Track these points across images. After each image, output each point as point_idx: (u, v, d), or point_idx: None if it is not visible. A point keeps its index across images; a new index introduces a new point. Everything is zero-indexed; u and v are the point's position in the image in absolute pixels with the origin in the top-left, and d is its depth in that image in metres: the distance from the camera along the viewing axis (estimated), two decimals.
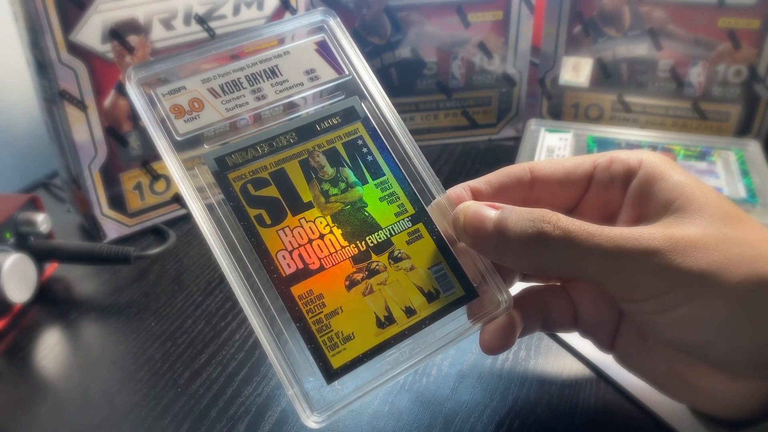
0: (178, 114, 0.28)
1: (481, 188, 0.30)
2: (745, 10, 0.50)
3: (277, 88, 0.30)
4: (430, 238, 0.29)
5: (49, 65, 0.41)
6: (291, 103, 0.30)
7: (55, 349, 0.38)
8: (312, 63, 0.30)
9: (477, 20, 0.55)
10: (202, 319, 0.40)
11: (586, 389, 0.34)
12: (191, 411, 0.33)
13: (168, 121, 0.28)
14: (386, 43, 0.55)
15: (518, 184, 0.30)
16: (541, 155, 0.50)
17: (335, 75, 0.31)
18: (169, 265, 0.45)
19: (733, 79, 0.53)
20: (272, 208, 0.28)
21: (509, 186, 0.30)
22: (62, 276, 0.44)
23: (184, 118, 0.28)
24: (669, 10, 0.52)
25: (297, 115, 0.30)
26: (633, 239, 0.25)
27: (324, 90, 0.31)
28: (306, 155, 0.29)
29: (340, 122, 0.30)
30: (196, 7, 0.45)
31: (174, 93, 0.28)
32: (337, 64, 0.31)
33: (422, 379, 0.34)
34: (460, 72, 0.57)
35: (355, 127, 0.30)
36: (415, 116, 0.59)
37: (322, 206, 0.29)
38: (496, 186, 0.30)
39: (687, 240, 0.25)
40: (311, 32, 0.31)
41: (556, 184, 0.30)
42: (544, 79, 0.58)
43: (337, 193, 0.29)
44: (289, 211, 0.28)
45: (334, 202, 0.29)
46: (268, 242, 0.27)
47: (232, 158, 0.28)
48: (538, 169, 0.31)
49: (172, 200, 0.50)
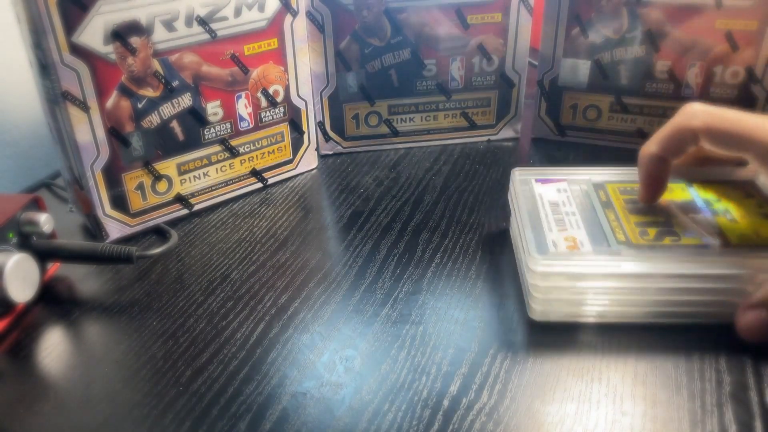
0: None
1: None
2: (742, 11, 0.50)
3: None
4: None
5: (52, 66, 0.41)
6: None
7: (57, 348, 0.39)
8: None
9: (476, 22, 0.56)
10: (203, 318, 0.40)
11: (591, 388, 0.34)
12: (193, 409, 0.34)
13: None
14: (386, 44, 0.56)
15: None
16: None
17: None
18: (171, 264, 0.45)
19: (730, 81, 0.53)
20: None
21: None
22: (65, 275, 0.45)
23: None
24: (667, 12, 0.52)
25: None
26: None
27: None
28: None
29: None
30: (197, 9, 0.46)
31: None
32: None
33: (422, 378, 0.35)
34: (460, 73, 0.58)
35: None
36: (414, 117, 0.59)
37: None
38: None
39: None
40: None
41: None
42: (543, 81, 0.58)
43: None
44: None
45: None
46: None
47: None
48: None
49: (174, 200, 0.50)
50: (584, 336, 0.37)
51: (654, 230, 0.38)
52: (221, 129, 0.50)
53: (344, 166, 0.58)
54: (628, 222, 0.39)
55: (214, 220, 0.51)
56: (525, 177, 0.44)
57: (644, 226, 0.38)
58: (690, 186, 0.42)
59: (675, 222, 0.39)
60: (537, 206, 0.41)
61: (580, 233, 0.38)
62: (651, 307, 0.37)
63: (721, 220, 0.38)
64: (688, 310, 0.37)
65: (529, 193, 0.42)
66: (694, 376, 0.34)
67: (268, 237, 0.48)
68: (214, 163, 0.51)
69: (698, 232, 0.38)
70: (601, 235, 0.38)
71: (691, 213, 0.39)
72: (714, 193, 0.41)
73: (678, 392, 0.33)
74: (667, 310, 0.37)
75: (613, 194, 0.42)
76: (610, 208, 0.40)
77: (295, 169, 0.56)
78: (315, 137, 0.57)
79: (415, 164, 0.57)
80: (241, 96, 0.50)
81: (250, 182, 0.54)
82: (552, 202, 0.41)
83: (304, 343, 0.38)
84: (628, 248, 0.37)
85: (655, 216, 0.39)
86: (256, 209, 0.52)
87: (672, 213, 0.40)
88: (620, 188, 0.42)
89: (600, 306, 0.37)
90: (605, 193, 0.42)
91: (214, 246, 0.47)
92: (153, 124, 0.47)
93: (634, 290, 0.36)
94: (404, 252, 0.45)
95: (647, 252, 0.36)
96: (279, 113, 0.53)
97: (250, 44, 0.49)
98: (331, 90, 0.57)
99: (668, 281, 0.36)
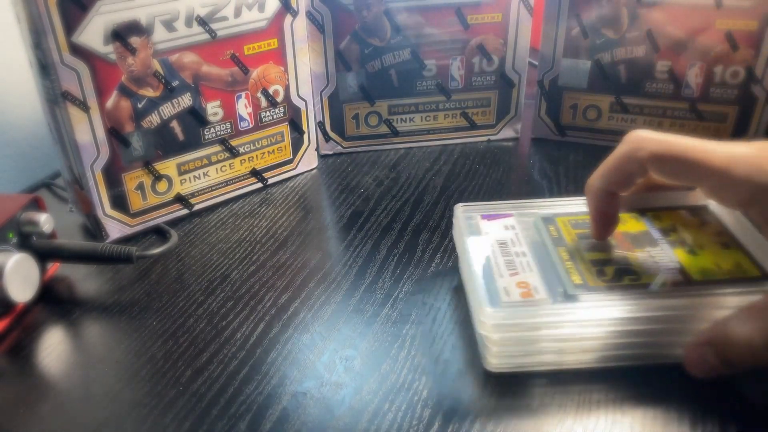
0: None
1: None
2: (742, 11, 0.50)
3: None
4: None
5: (52, 66, 0.41)
6: None
7: (57, 348, 0.39)
8: None
9: (476, 22, 0.56)
10: (203, 318, 0.40)
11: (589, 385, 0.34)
12: (193, 409, 0.34)
13: None
14: (386, 44, 0.56)
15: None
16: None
17: None
18: (170, 264, 0.45)
19: (730, 81, 0.53)
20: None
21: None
22: (65, 275, 0.45)
23: None
24: (667, 12, 0.52)
25: None
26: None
27: None
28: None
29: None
30: (197, 9, 0.46)
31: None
32: None
33: (422, 378, 0.35)
34: (460, 73, 0.58)
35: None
36: (414, 117, 0.59)
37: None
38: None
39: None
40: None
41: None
42: (543, 81, 0.58)
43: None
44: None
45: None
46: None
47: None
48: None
49: (174, 200, 0.50)
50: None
51: (611, 269, 0.35)
52: (221, 129, 0.50)
53: (344, 166, 0.58)
54: (583, 261, 0.36)
55: (214, 220, 0.51)
56: (469, 213, 0.40)
57: (600, 265, 0.36)
58: (643, 215, 0.39)
59: (632, 258, 0.36)
60: (485, 247, 0.38)
61: (533, 277, 0.35)
62: (614, 351, 0.34)
63: (680, 253, 0.36)
64: (654, 351, 0.34)
65: (475, 231, 0.39)
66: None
67: (268, 237, 0.48)
68: (214, 163, 0.51)
69: (657, 269, 0.35)
70: (555, 279, 0.35)
71: (647, 246, 0.37)
72: (669, 221, 0.39)
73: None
74: (630, 352, 0.34)
75: (564, 229, 0.39)
76: (562, 246, 0.37)
77: (295, 169, 0.56)
78: (315, 137, 0.57)
79: (415, 164, 0.57)
80: (241, 96, 0.50)
81: (250, 182, 0.54)
82: (500, 242, 0.38)
83: (304, 343, 0.38)
84: (587, 292, 0.34)
85: (611, 252, 0.37)
86: (256, 209, 0.52)
87: (628, 248, 0.37)
88: (571, 221, 0.39)
89: (559, 354, 0.34)
90: (556, 228, 0.39)
91: (214, 246, 0.47)
92: (153, 124, 0.47)
93: (595, 336, 0.34)
94: (404, 252, 0.45)
95: (606, 294, 0.34)
96: (279, 113, 0.53)
97: (250, 44, 0.49)
98: (331, 90, 0.57)
99: (631, 324, 0.33)
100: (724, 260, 0.36)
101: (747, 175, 0.30)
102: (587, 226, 0.38)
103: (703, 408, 0.32)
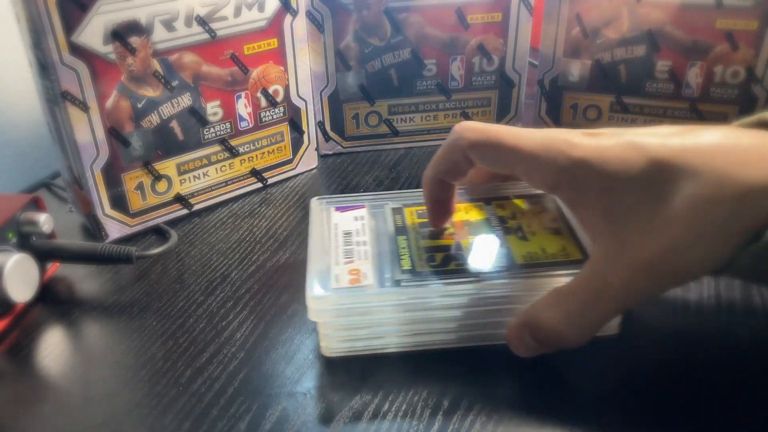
0: None
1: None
2: (742, 11, 0.50)
3: None
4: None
5: (51, 66, 0.41)
6: None
7: (57, 349, 0.39)
8: None
9: (476, 21, 0.56)
10: (203, 318, 0.40)
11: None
12: (193, 410, 0.34)
13: None
14: (386, 44, 0.56)
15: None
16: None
17: None
18: (170, 264, 0.45)
19: (730, 81, 0.53)
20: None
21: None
22: (64, 276, 0.45)
23: None
24: (667, 12, 0.52)
25: None
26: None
27: None
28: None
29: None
30: (197, 9, 0.46)
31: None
32: None
33: (421, 378, 0.35)
34: (460, 73, 0.58)
35: None
36: (414, 117, 0.59)
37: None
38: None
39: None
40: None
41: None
42: (543, 80, 0.58)
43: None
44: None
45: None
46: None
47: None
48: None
49: (174, 200, 0.50)
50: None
51: (441, 255, 0.36)
52: (221, 129, 0.50)
53: (344, 166, 0.58)
54: (418, 248, 0.37)
55: (213, 220, 0.51)
56: (324, 206, 0.41)
57: (433, 252, 0.37)
58: (488, 204, 0.40)
59: (465, 245, 0.37)
60: (330, 237, 0.38)
61: (366, 264, 0.36)
62: (444, 334, 0.35)
63: (512, 239, 0.37)
64: (478, 333, 0.35)
65: (325, 223, 0.40)
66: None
67: (268, 237, 0.48)
68: (213, 163, 0.51)
69: (486, 255, 0.36)
70: (387, 265, 0.36)
71: (483, 233, 0.38)
72: (510, 209, 0.40)
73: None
74: (457, 335, 0.36)
75: (409, 218, 0.40)
76: (403, 234, 0.38)
77: (295, 169, 0.56)
78: (315, 137, 0.57)
79: (415, 164, 0.57)
80: (240, 96, 0.50)
81: (249, 182, 0.54)
82: (345, 232, 0.39)
83: (304, 342, 0.38)
84: (411, 277, 0.35)
85: (446, 240, 0.38)
86: (255, 209, 0.52)
87: (464, 235, 0.38)
88: (418, 212, 0.40)
89: (387, 338, 0.35)
90: (402, 217, 0.40)
91: (214, 246, 0.47)
92: (153, 124, 0.47)
93: (416, 319, 0.35)
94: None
95: (428, 279, 0.35)
96: (279, 113, 0.53)
97: (249, 44, 0.49)
98: (331, 90, 0.57)
99: (449, 307, 0.34)
100: (552, 245, 0.37)
101: (551, 159, 0.31)
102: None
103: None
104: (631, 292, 0.30)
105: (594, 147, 0.31)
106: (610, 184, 0.30)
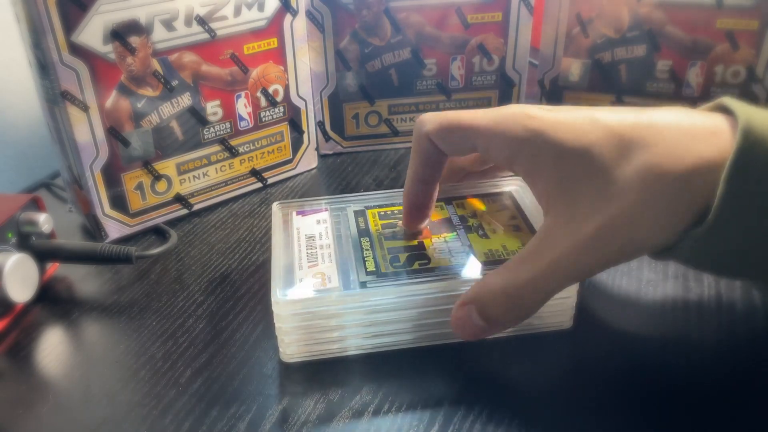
0: None
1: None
2: (743, 11, 0.50)
3: None
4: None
5: (51, 66, 0.41)
6: None
7: (56, 349, 0.39)
8: None
9: (476, 21, 0.56)
10: (203, 318, 0.40)
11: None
12: (192, 410, 0.34)
13: None
14: (386, 44, 0.56)
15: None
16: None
17: None
18: (170, 264, 0.45)
19: (731, 80, 0.53)
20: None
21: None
22: (64, 276, 0.45)
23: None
24: (667, 12, 0.52)
25: None
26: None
27: None
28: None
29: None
30: (197, 8, 0.46)
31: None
32: None
33: (421, 377, 0.35)
34: (460, 73, 0.58)
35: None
36: (414, 117, 0.59)
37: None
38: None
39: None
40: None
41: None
42: (543, 80, 0.58)
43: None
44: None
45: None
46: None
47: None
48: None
49: (174, 200, 0.50)
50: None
51: (405, 256, 0.37)
52: (221, 129, 0.50)
53: (344, 165, 0.58)
54: (381, 249, 0.37)
55: (213, 220, 0.51)
56: (285, 210, 0.42)
57: (397, 252, 0.37)
58: (449, 204, 0.41)
59: (428, 245, 0.38)
60: (292, 241, 0.38)
61: (331, 267, 0.36)
62: (410, 333, 0.36)
63: (473, 238, 0.38)
64: (444, 332, 0.36)
65: (287, 227, 0.40)
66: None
67: (268, 237, 0.48)
68: (213, 162, 0.51)
69: (448, 254, 0.37)
70: (351, 268, 0.36)
71: (445, 232, 0.38)
72: (471, 208, 0.41)
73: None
74: (423, 334, 0.36)
75: (372, 220, 0.40)
76: (366, 237, 0.38)
77: (295, 168, 0.56)
78: (315, 137, 0.57)
79: None
80: (240, 96, 0.50)
81: (249, 182, 0.54)
82: (308, 236, 0.39)
83: None
84: (376, 279, 0.35)
85: (409, 241, 0.38)
86: (255, 209, 0.52)
87: (426, 235, 0.38)
88: (380, 213, 0.41)
89: (352, 339, 0.36)
90: (365, 220, 0.40)
91: (214, 246, 0.47)
92: (152, 123, 0.47)
93: (381, 321, 0.35)
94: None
95: (393, 280, 0.35)
96: (279, 113, 0.53)
97: (249, 44, 0.49)
98: (331, 90, 0.57)
99: (413, 305, 0.35)
100: (512, 242, 0.38)
101: (509, 130, 0.32)
102: (393, 216, 0.40)
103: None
104: (580, 264, 0.30)
105: (551, 118, 0.31)
106: (565, 152, 0.30)
